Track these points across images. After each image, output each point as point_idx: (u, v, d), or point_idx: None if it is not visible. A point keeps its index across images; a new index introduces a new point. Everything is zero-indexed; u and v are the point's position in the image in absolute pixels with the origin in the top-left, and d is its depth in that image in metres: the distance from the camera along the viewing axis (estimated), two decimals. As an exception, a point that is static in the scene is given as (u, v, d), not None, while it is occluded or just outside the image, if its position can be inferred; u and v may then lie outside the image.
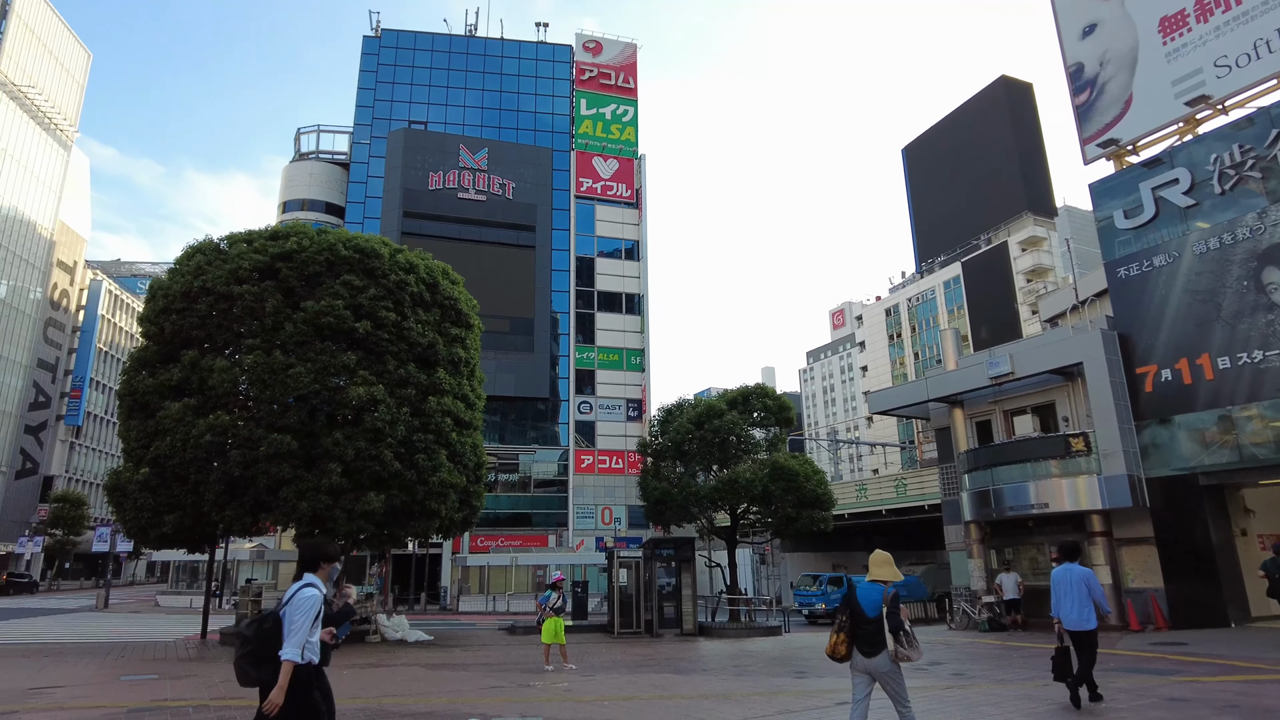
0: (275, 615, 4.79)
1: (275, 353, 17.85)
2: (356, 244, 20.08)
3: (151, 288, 19.76)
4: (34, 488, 68.49)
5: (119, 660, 15.53)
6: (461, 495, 20.03)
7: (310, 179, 52.43)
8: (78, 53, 70.89)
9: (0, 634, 22.41)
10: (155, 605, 38.67)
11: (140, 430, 18.00)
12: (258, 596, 21.38)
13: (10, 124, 61.53)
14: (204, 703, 10.25)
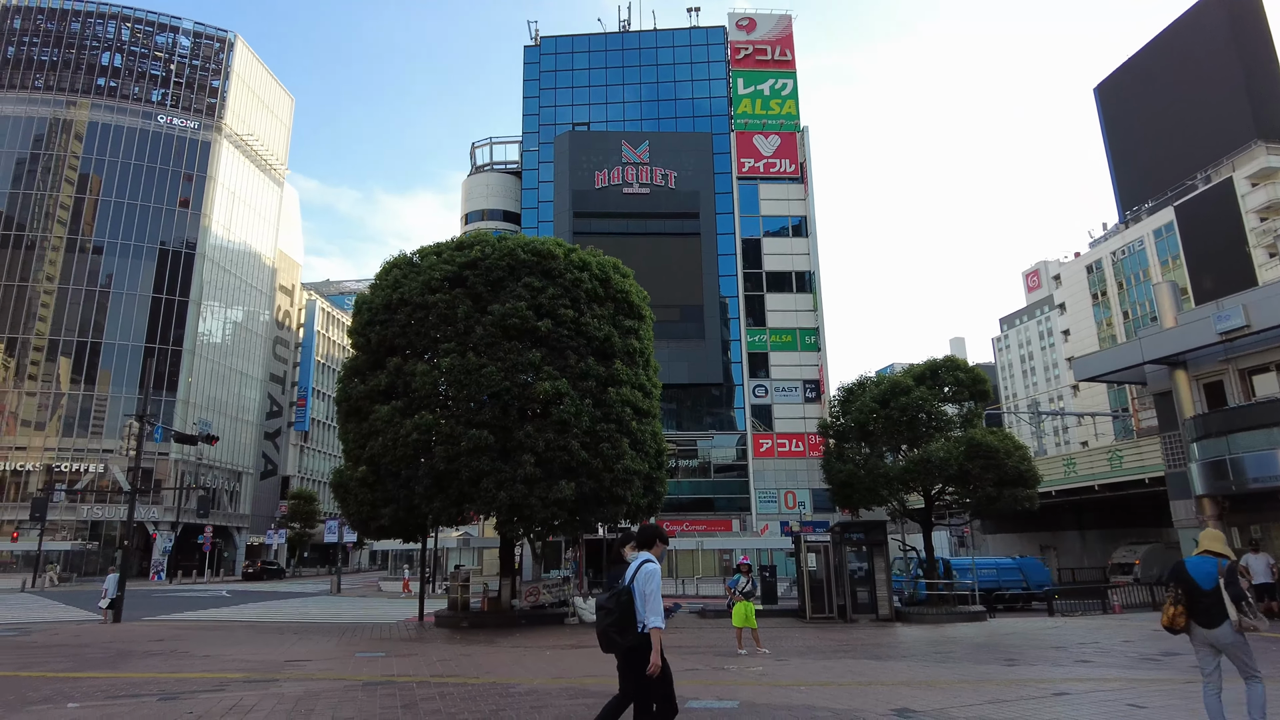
0: (628, 589, 5.53)
1: (468, 354, 19.06)
2: (534, 247, 21.02)
3: (357, 303, 21.72)
4: (275, 487, 77.91)
5: (352, 639, 17.26)
6: (645, 481, 20.48)
7: (487, 190, 55.51)
8: (283, 98, 79.29)
9: (259, 614, 25.65)
10: (378, 590, 42.68)
11: (356, 432, 19.85)
12: (466, 581, 23.02)
13: (237, 170, 69.92)
14: (425, 679, 11.13)
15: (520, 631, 18.78)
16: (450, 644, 16.14)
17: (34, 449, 56.90)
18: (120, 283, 61.64)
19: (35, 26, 65.68)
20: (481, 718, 8.27)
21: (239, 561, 65.18)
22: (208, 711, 8.64)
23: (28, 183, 61.98)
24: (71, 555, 54.06)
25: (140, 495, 34.80)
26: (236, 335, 69.81)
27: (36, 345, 59.05)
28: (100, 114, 64.20)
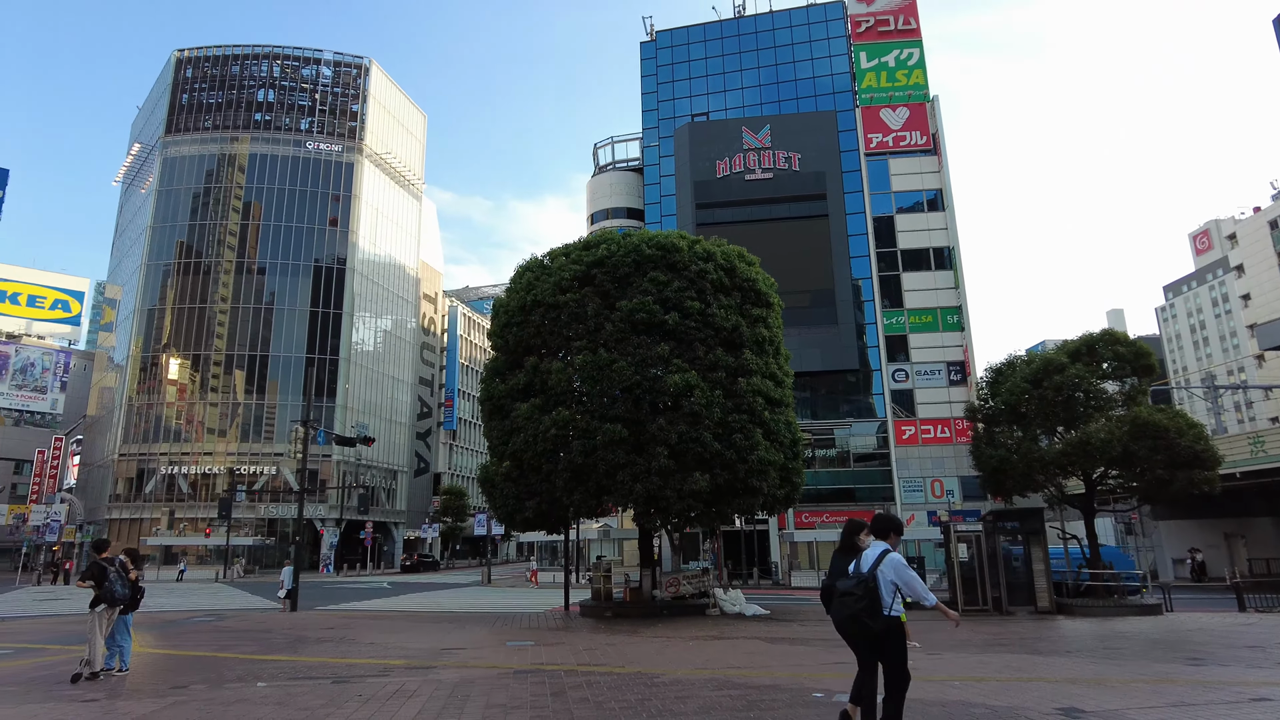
0: (872, 575, 5.92)
1: (599, 351, 19.43)
2: (657, 241, 21.14)
3: (494, 307, 22.60)
4: (428, 483, 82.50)
5: (503, 628, 18.00)
6: (781, 472, 20.18)
7: (610, 189, 56.36)
8: (416, 116, 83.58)
9: (417, 604, 27.23)
10: (525, 580, 44.32)
11: (499, 429, 20.67)
12: (607, 571, 23.48)
13: (379, 188, 74.41)
14: (573, 668, 11.44)
15: (662, 622, 18.97)
16: (595, 633, 16.53)
17: (218, 454, 62.92)
18: (282, 299, 67.06)
19: (203, 73, 72.44)
20: (627, 706, 8.40)
21: (397, 554, 69.54)
22: (374, 695, 9.24)
23: (203, 214, 68.53)
24: (253, 549, 59.40)
25: (308, 494, 37.64)
26: (386, 343, 74.38)
27: (215, 360, 65.21)
28: (258, 146, 70.02)
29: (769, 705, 8.46)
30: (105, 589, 10.67)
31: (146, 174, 73.95)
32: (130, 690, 9.76)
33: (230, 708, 8.52)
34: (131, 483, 62.92)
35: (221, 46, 72.73)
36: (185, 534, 59.93)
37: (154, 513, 61.05)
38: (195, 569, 53.32)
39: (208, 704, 8.77)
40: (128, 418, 64.06)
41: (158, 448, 62.86)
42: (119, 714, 8.29)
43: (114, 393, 69.12)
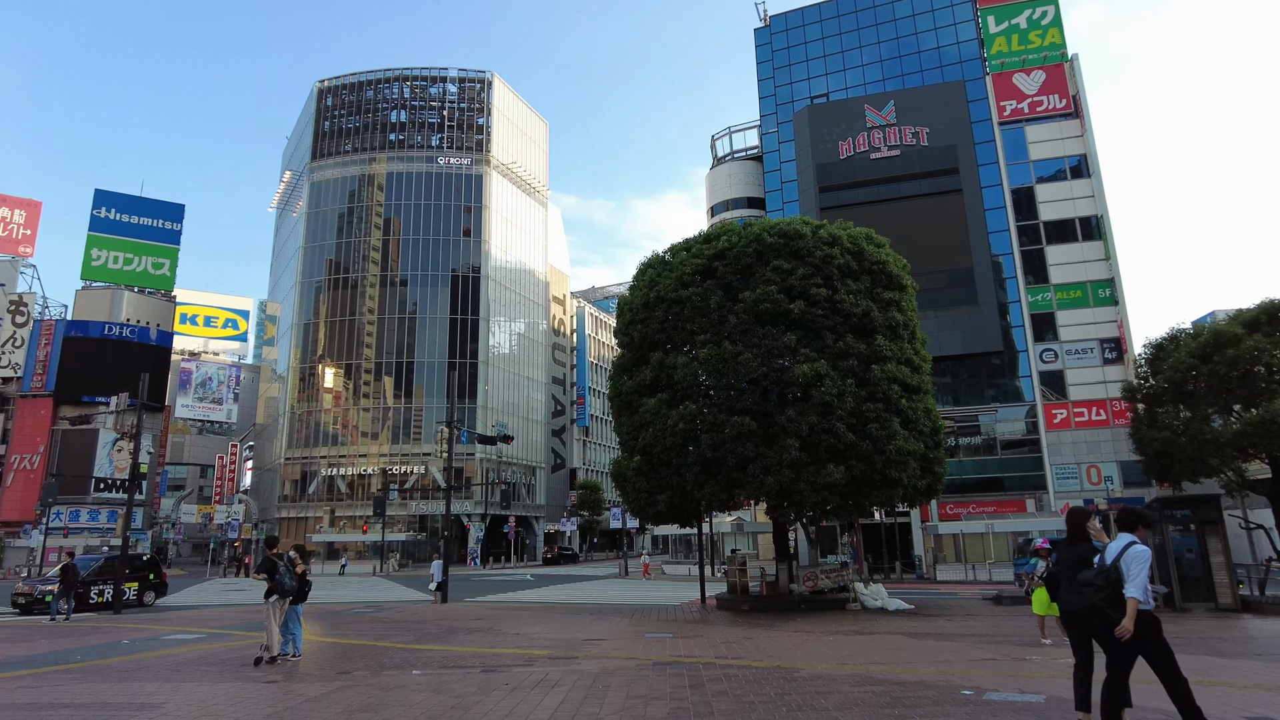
0: (1115, 566, 6.05)
1: (724, 344, 19.33)
2: (780, 229, 20.79)
3: (619, 305, 22.94)
4: (564, 479, 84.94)
5: (641, 620, 18.26)
6: (921, 462, 19.39)
7: (729, 179, 55.95)
8: (538, 124, 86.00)
9: (558, 596, 28.09)
10: (662, 573, 44.79)
11: (629, 425, 20.97)
12: (743, 565, 23.37)
13: (506, 197, 77.18)
14: (711, 660, 11.45)
15: (800, 616, 18.68)
16: (732, 627, 16.49)
17: (372, 455, 67.25)
18: (423, 308, 70.85)
19: (341, 100, 77.52)
20: (767, 700, 8.33)
21: (539, 547, 72.02)
22: (520, 684, 9.61)
23: (348, 232, 73.40)
24: (406, 544, 63.12)
25: (454, 491, 39.50)
26: (520, 345, 77.13)
27: (366, 368, 69.71)
28: (395, 165, 74.20)
29: (914, 702, 8.16)
30: (276, 581, 11.69)
31: (297, 199, 79.98)
32: (303, 674, 10.60)
33: (390, 693, 9.09)
34: (296, 484, 68.33)
35: (357, 74, 77.55)
36: (345, 531, 64.46)
37: (317, 511, 66.04)
38: (355, 563, 57.27)
39: (369, 689, 9.39)
40: (291, 424, 69.61)
41: (318, 451, 67.94)
42: (295, 695, 9.03)
43: (278, 402, 75.28)
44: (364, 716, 7.82)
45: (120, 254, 72.62)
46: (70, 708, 8.52)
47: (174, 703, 8.65)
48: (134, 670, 11.24)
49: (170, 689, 9.56)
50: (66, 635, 16.42)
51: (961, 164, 45.08)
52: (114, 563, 24.96)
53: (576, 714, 7.82)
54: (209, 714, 8.02)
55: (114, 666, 11.70)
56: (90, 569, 24.84)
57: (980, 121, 45.77)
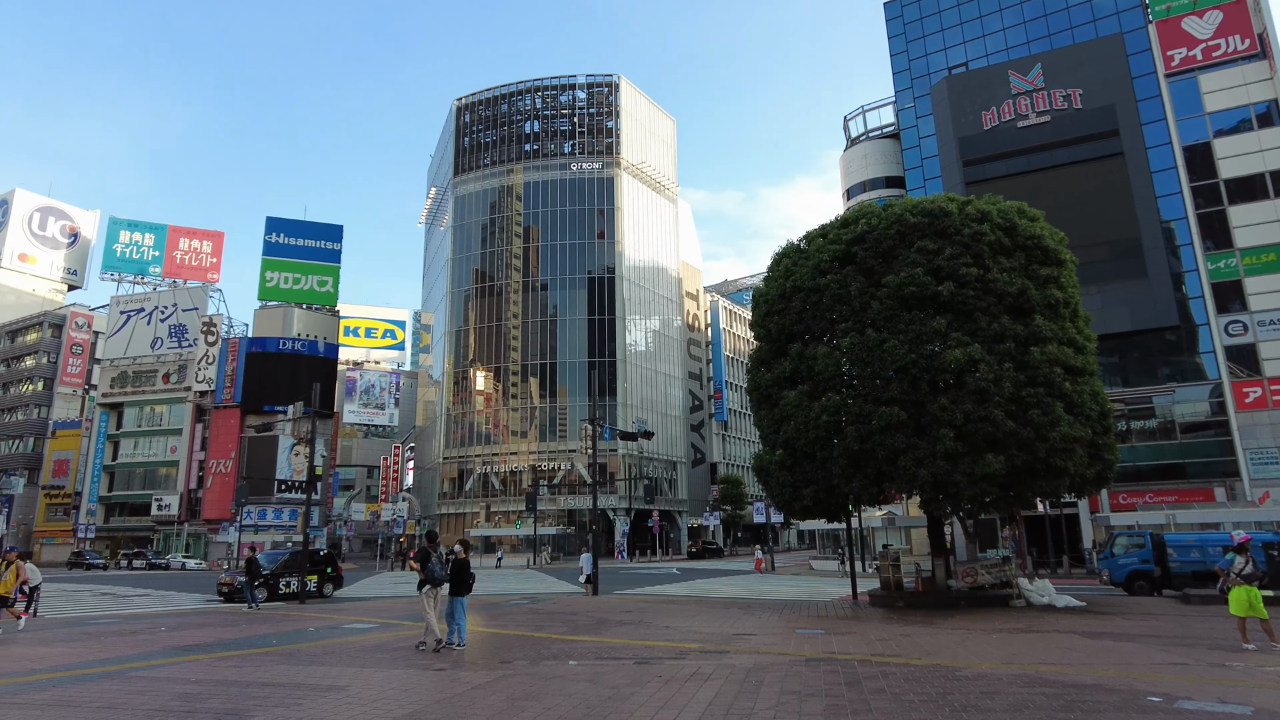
0: None
1: (867, 331, 18.71)
2: (923, 208, 19.89)
3: (754, 297, 22.68)
4: (705, 473, 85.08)
5: (791, 615, 18.01)
6: (1089, 449, 18.02)
7: (865, 160, 54.11)
8: (665, 121, 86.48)
9: (705, 590, 28.16)
10: (809, 568, 43.99)
11: (769, 418, 20.71)
12: (896, 560, 22.58)
13: (637, 197, 78.19)
14: (866, 657, 11.14)
15: (960, 613, 17.83)
16: (887, 623, 15.97)
17: (522, 453, 70.05)
18: (563, 311, 73.05)
19: (478, 115, 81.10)
20: (927, 699, 8.01)
21: (683, 541, 72.57)
22: (674, 676, 9.71)
23: (491, 242, 76.79)
24: (556, 538, 65.34)
25: (599, 486, 40.45)
26: (656, 342, 77.99)
27: (513, 370, 72.69)
28: (530, 174, 76.88)
29: (1092, 707, 7.60)
30: (428, 571, 12.50)
31: (443, 213, 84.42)
32: (468, 663, 11.20)
33: (549, 682, 9.44)
34: (454, 482, 72.25)
35: (491, 88, 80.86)
36: (500, 525, 67.50)
37: (474, 507, 69.55)
38: (510, 556, 59.84)
39: (530, 678, 9.79)
40: (447, 426, 73.65)
41: (473, 450, 71.52)
42: (461, 683, 9.55)
43: (435, 405, 79.81)
44: (526, 704, 8.16)
45: (290, 274, 79.38)
46: (271, 686, 9.41)
47: (356, 686, 9.37)
48: (321, 655, 12.26)
49: (352, 673, 10.36)
50: (263, 622, 18.14)
51: (1122, 125, 41.43)
52: (297, 557, 27.31)
53: (731, 708, 7.82)
54: (386, 698, 8.63)
55: (304, 652, 12.81)
56: (277, 563, 27.31)
57: (1142, 76, 41.87)
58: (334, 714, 7.80)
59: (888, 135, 53.50)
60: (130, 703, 8.50)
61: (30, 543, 71.69)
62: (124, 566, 60.49)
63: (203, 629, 16.74)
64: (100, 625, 17.95)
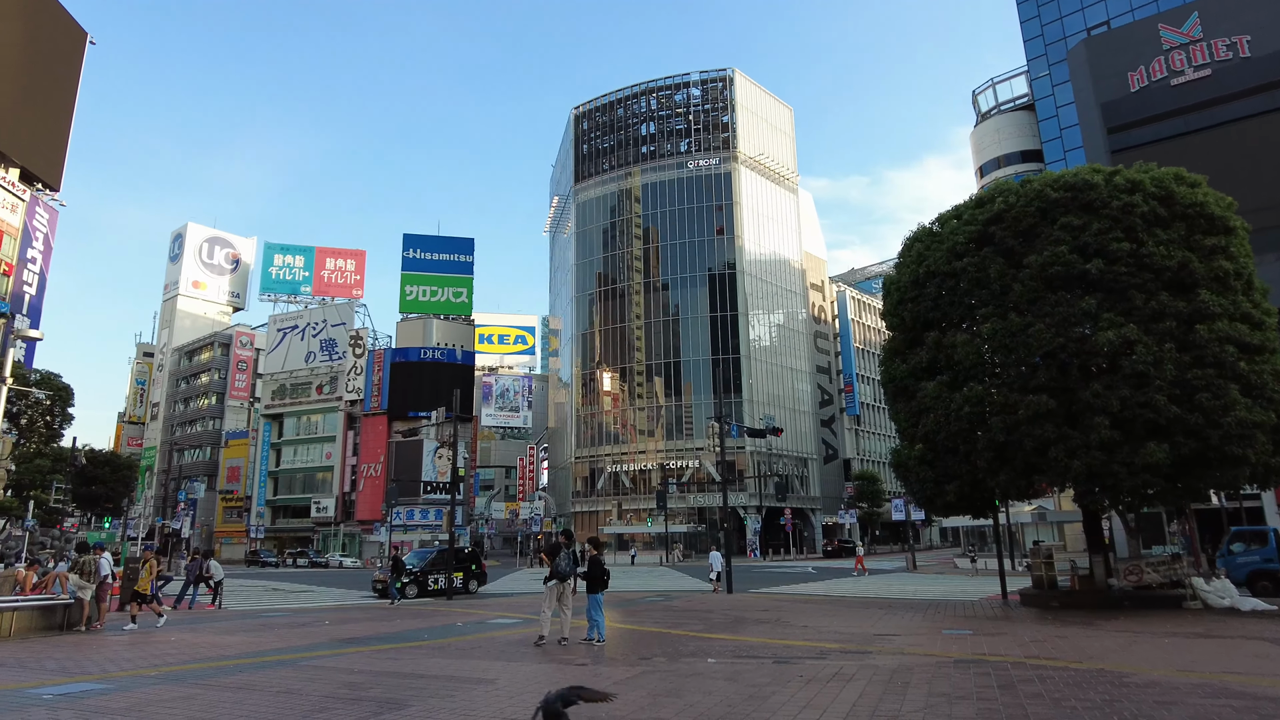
0: None
1: (1010, 315, 17.68)
2: (1064, 182, 18.59)
3: (885, 285, 21.91)
4: (838, 470, 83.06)
5: (935, 615, 17.28)
6: (1273, 435, 16.28)
7: (998, 135, 51.24)
8: (782, 111, 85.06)
9: (842, 588, 27.49)
10: (953, 567, 42.05)
11: (906, 411, 19.94)
12: (1049, 557, 21.25)
13: (756, 190, 77.35)
14: (1019, 660, 10.53)
15: (1123, 615, 16.54)
16: (1041, 624, 15.05)
17: (650, 452, 70.80)
18: (684, 310, 73.28)
19: (595, 122, 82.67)
20: (1092, 707, 7.47)
21: (818, 540, 71.13)
22: (815, 676, 9.53)
23: (612, 245, 78.09)
24: (688, 535, 65.58)
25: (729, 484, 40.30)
26: (781, 336, 76.86)
27: (637, 370, 73.59)
28: (648, 176, 77.58)
29: (1294, 721, 6.85)
30: (555, 565, 12.86)
31: (565, 221, 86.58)
32: (608, 659, 11.42)
33: (688, 680, 9.48)
34: (586, 480, 73.93)
35: (606, 94, 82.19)
36: (631, 523, 68.48)
37: (606, 505, 70.91)
38: (642, 554, 60.60)
39: (669, 675, 9.87)
40: (577, 427, 75.46)
41: (602, 450, 72.95)
42: (603, 678, 9.75)
43: (565, 407, 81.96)
44: (667, 701, 8.22)
45: (427, 287, 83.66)
46: (424, 678, 9.94)
47: (504, 679, 9.75)
48: (469, 649, 12.84)
49: (500, 667, 10.78)
50: (415, 616, 19.20)
51: (1300, 72, 37.23)
52: (444, 555, 28.72)
53: (876, 709, 7.59)
54: (531, 691, 8.92)
55: (453, 645, 13.46)
56: (425, 561, 28.84)
57: (1324, 15, 37.47)
58: (485, 705, 8.14)
59: (1021, 107, 50.46)
60: (304, 689, 9.20)
61: (211, 542, 79.04)
62: (289, 564, 65.68)
63: (361, 623, 17.90)
64: (273, 618, 19.54)
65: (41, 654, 12.62)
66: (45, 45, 60.72)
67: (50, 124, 61.46)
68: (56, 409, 42.11)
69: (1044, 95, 46.54)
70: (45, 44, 60.71)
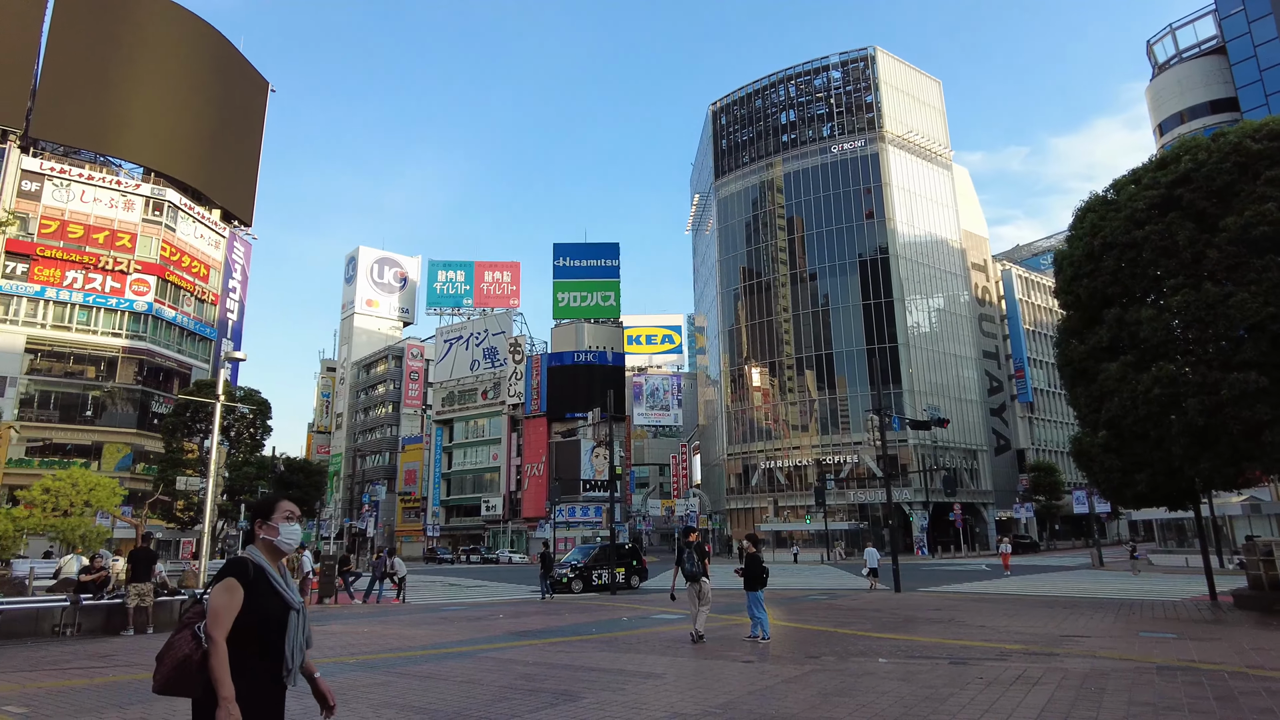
0: None
1: (1204, 285, 15.93)
2: (1270, 130, 16.48)
3: (1056, 260, 20.33)
4: (1010, 461, 78.01)
5: (1129, 616, 15.84)
6: None
7: (1179, 85, 46.35)
8: (930, 85, 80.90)
9: (1019, 587, 25.74)
10: (1148, 563, 38.41)
11: (1086, 395, 18.42)
12: (1269, 554, 18.95)
13: (906, 169, 74.05)
14: (1238, 669, 9.44)
15: (1369, 619, 14.48)
16: (1262, 629, 13.44)
17: (804, 447, 69.42)
18: (834, 299, 71.26)
19: (733, 116, 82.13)
20: (1337, 725, 6.58)
21: (990, 536, 67.07)
22: (996, 679, 8.99)
23: (755, 239, 77.29)
24: (849, 533, 63.73)
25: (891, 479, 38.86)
26: (941, 321, 73.11)
27: (787, 364, 72.37)
28: (790, 165, 76.12)
29: None
30: (680, 568, 13.34)
31: (707, 218, 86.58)
32: (774, 656, 11.30)
33: (859, 679, 9.22)
34: (739, 477, 73.55)
35: (743, 87, 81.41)
36: (788, 520, 67.44)
37: (761, 502, 70.22)
38: (803, 552, 59.52)
39: (839, 673, 9.63)
40: (728, 423, 75.23)
41: (755, 446, 72.31)
42: (770, 675, 9.66)
43: (715, 404, 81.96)
44: (839, 700, 8.03)
45: (577, 294, 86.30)
46: (595, 671, 10.25)
47: (671, 674, 9.87)
48: (636, 643, 13.10)
49: (666, 662, 10.93)
50: (582, 611, 19.84)
51: None
52: (605, 551, 29.49)
53: (1069, 717, 7.06)
54: (699, 686, 8.98)
55: (620, 640, 13.79)
56: (588, 556, 29.73)
57: None
58: (654, 699, 8.28)
59: (1209, 52, 45.34)
60: (485, 679, 9.73)
61: (393, 540, 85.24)
62: (463, 561, 69.75)
63: (532, 617, 18.71)
64: (452, 611, 20.80)
65: (259, 641, 14.10)
66: (234, 97, 67.92)
67: (242, 167, 68.69)
68: (258, 422, 46.88)
69: (1237, 35, 41.49)
70: (234, 96, 67.92)
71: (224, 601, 3.20)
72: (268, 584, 3.35)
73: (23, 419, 50.12)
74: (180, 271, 58.55)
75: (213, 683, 3.08)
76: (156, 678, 3.20)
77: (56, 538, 33.26)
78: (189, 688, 3.15)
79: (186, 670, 3.14)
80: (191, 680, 3.14)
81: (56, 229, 53.08)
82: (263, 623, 3.27)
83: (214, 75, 64.99)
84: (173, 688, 3.16)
